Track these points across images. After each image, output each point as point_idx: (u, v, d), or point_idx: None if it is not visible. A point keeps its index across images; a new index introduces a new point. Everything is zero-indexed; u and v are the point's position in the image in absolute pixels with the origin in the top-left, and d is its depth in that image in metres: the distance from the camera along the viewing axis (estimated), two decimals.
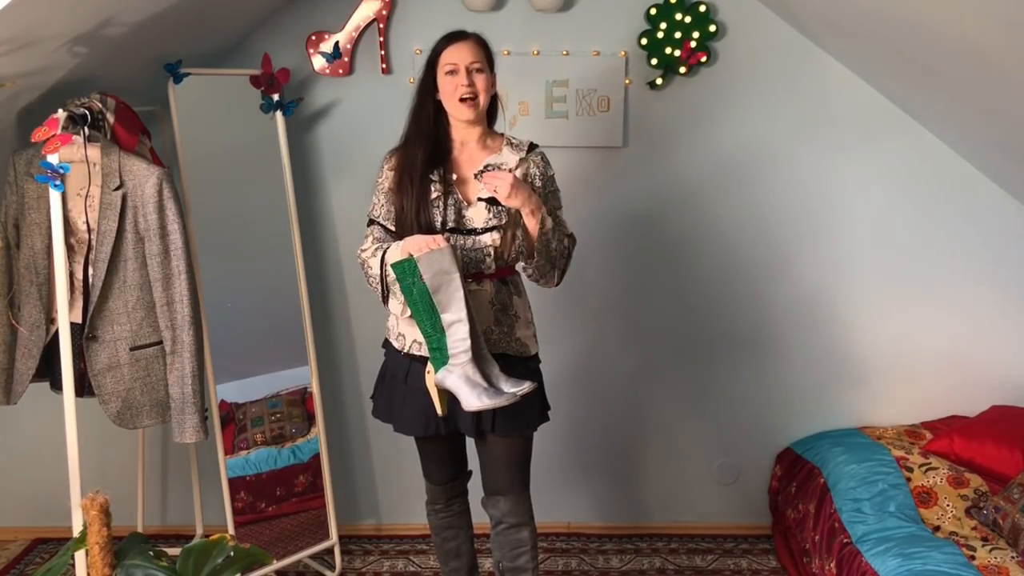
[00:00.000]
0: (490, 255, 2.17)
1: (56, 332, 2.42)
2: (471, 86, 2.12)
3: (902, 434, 3.05)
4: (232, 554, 1.73)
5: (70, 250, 2.38)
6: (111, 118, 2.37)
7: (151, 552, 1.74)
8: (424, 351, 2.14)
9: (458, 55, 2.12)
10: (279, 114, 2.86)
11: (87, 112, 2.30)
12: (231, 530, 2.79)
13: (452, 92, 2.14)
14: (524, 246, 2.17)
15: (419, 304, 2.04)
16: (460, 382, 2.03)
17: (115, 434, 2.70)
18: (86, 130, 2.30)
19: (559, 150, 2.82)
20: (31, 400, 2.55)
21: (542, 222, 2.13)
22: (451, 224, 2.17)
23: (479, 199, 2.19)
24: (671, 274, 3.15)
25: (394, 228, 2.21)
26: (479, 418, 2.17)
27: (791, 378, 3.20)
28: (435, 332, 2.06)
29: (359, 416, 3.24)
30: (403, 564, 3.14)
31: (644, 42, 2.93)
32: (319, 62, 2.96)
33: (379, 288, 2.19)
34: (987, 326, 3.13)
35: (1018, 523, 2.45)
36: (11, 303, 2.44)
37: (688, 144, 3.05)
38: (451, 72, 2.13)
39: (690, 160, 3.06)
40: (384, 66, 2.97)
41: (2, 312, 2.43)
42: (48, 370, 2.49)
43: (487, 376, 2.05)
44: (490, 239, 2.17)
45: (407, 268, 2.03)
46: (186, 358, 2.46)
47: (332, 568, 3.06)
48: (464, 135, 2.24)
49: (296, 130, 3.00)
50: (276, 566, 2.84)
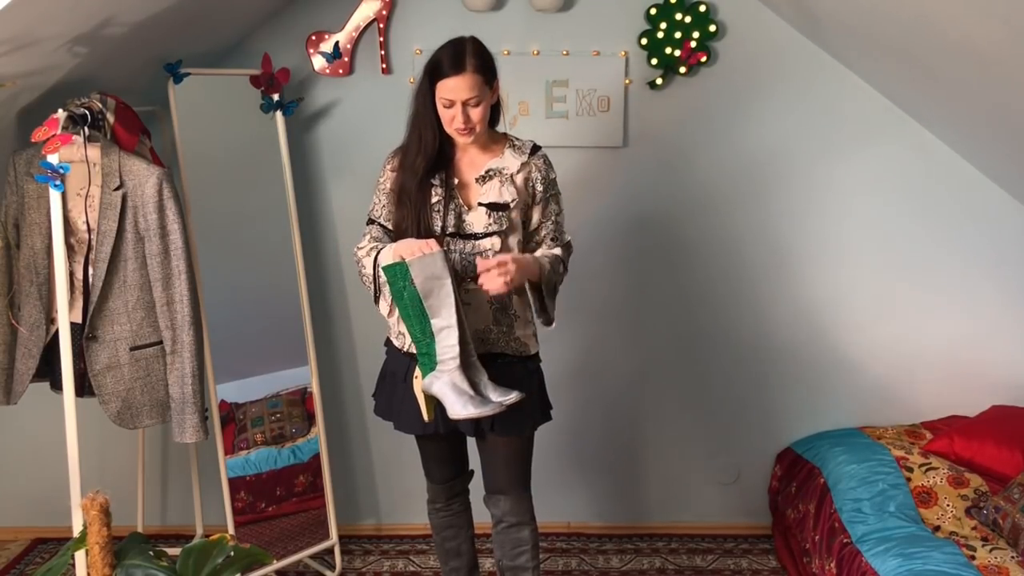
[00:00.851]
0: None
1: (56, 332, 2.41)
2: (467, 121, 2.11)
3: (902, 434, 3.05)
4: (232, 554, 1.73)
5: (70, 250, 2.38)
6: (111, 118, 2.36)
7: (151, 552, 1.74)
8: None
9: (455, 91, 2.08)
10: (279, 114, 2.86)
11: (87, 112, 2.30)
12: (231, 530, 2.79)
13: (449, 122, 2.14)
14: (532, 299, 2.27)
15: (409, 308, 2.02)
16: (447, 389, 2.02)
17: (115, 434, 2.70)
18: (86, 130, 2.30)
19: (559, 150, 2.82)
20: (31, 400, 2.54)
21: (540, 274, 2.18)
22: (451, 229, 2.17)
23: (479, 204, 2.19)
24: (671, 274, 3.15)
25: (392, 228, 2.22)
26: (478, 419, 2.16)
27: (791, 378, 3.20)
28: (424, 337, 2.04)
29: (359, 416, 3.24)
30: (403, 564, 3.14)
31: (644, 42, 2.93)
32: (319, 62, 2.96)
33: (371, 287, 2.19)
34: (987, 326, 3.13)
35: (1018, 523, 2.45)
36: (11, 303, 2.44)
37: (688, 144, 3.05)
38: (448, 106, 2.12)
39: (690, 160, 3.06)
40: (384, 66, 2.97)
41: (2, 312, 2.43)
42: (48, 370, 2.49)
43: (474, 384, 2.04)
44: (490, 243, 2.17)
45: (399, 272, 2.00)
46: (186, 358, 2.46)
47: (332, 568, 3.06)
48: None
49: (296, 130, 3.00)
50: (276, 566, 2.84)
